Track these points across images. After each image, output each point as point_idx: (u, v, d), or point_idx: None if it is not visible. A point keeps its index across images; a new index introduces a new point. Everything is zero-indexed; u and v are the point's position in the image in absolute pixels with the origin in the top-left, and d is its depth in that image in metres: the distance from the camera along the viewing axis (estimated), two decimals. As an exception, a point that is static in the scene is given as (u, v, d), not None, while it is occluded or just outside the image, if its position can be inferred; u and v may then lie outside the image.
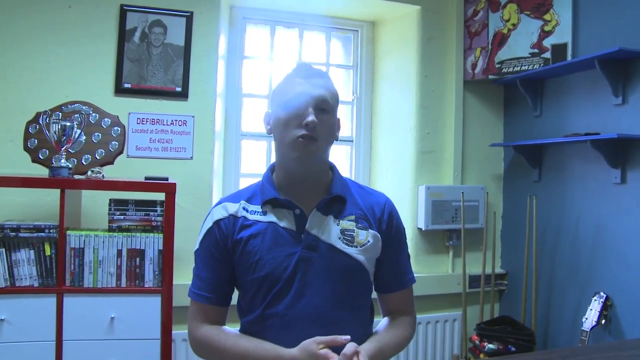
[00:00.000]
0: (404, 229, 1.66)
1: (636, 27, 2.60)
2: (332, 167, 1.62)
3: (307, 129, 1.43)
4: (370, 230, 1.53)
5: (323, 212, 1.51)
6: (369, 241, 1.52)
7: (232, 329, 1.56)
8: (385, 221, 1.58)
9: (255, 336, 1.48)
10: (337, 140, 1.58)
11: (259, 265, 1.46)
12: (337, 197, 1.54)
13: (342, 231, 1.50)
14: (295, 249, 1.47)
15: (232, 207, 1.54)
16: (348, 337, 1.33)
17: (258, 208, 1.52)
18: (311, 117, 1.43)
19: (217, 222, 1.53)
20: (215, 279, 1.52)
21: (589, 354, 1.36)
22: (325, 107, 1.48)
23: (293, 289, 1.45)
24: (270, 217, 1.50)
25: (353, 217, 1.53)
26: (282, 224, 1.49)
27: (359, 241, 1.51)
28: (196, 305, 1.54)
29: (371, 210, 1.57)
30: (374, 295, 1.64)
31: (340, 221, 1.52)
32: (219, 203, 1.59)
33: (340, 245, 1.49)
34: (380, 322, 1.63)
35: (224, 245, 1.51)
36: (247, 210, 1.53)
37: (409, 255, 1.68)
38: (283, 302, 1.45)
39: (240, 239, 1.49)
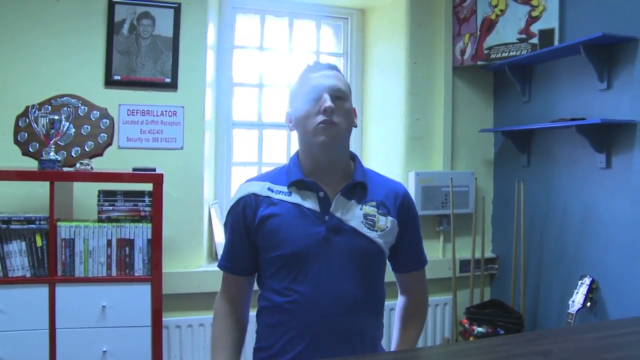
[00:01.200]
0: (418, 215, 1.76)
1: (622, 12, 2.60)
2: (354, 157, 1.70)
3: (325, 114, 1.51)
4: (389, 217, 1.61)
5: (346, 197, 1.59)
6: (387, 227, 1.59)
7: (233, 316, 1.65)
8: (406, 208, 1.66)
9: (275, 311, 1.57)
10: (355, 127, 1.65)
11: (283, 243, 1.54)
12: (359, 184, 1.61)
13: (365, 215, 1.58)
14: (320, 229, 1.53)
15: (256, 187, 1.62)
16: None
17: (284, 189, 1.60)
18: (328, 103, 1.51)
19: (239, 200, 1.61)
20: (235, 251, 1.63)
21: (552, 337, 1.40)
22: (339, 94, 1.56)
23: (316, 268, 1.52)
24: (295, 198, 1.57)
25: (374, 203, 1.61)
26: (306, 204, 1.56)
27: (379, 226, 1.58)
28: (223, 275, 1.68)
29: (391, 198, 1.65)
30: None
31: (363, 206, 1.59)
32: (244, 183, 1.68)
33: (363, 229, 1.56)
34: (400, 308, 1.78)
35: (244, 221, 1.59)
36: (272, 191, 1.60)
37: (422, 237, 1.78)
38: (306, 281, 1.52)
39: (264, 217, 1.56)
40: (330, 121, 1.51)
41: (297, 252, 1.52)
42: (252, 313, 1.67)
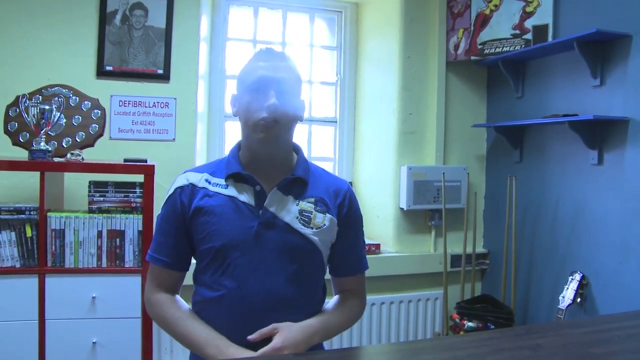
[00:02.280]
0: (362, 217, 1.71)
1: (616, 9, 2.61)
2: (297, 150, 1.65)
3: (268, 112, 1.46)
4: (327, 215, 1.57)
5: (283, 192, 1.55)
6: (325, 224, 1.55)
7: (184, 303, 1.60)
8: (346, 206, 1.62)
9: (205, 305, 1.53)
10: (301, 120, 1.60)
11: (214, 235, 1.50)
12: (298, 179, 1.57)
13: (300, 212, 1.54)
14: (252, 224, 1.50)
15: (194, 177, 1.58)
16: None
17: (221, 181, 1.56)
18: (272, 100, 1.46)
19: (176, 189, 1.57)
20: (171, 244, 1.57)
21: (541, 331, 1.40)
22: (287, 89, 1.51)
23: (246, 262, 1.49)
24: (231, 191, 1.54)
25: (313, 200, 1.57)
26: (242, 198, 1.52)
27: (315, 223, 1.54)
28: (152, 268, 1.60)
29: (332, 196, 1.61)
30: (327, 276, 1.68)
31: (300, 202, 1.55)
32: (182, 173, 1.63)
33: (297, 225, 1.52)
34: (331, 300, 1.69)
35: (182, 212, 1.55)
36: (209, 182, 1.56)
37: (364, 242, 1.73)
38: (235, 275, 1.49)
39: (199, 208, 1.52)
40: (272, 120, 1.47)
41: (227, 245, 1.49)
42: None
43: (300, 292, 1.53)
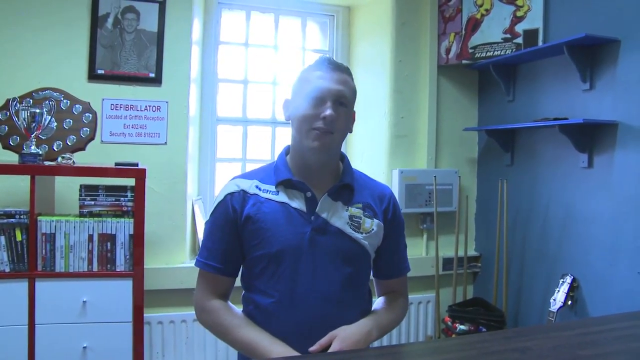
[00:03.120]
0: (404, 221, 1.74)
1: (605, 14, 2.63)
2: (343, 157, 1.69)
3: (324, 122, 1.50)
4: (375, 220, 1.61)
5: (333, 198, 1.58)
6: (373, 229, 1.59)
7: (237, 309, 1.60)
8: (390, 212, 1.66)
9: (260, 311, 1.54)
10: (350, 132, 1.63)
11: (269, 241, 1.52)
12: (346, 186, 1.61)
13: (350, 217, 1.58)
14: (305, 229, 1.53)
15: (244, 184, 1.60)
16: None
17: (271, 187, 1.59)
18: (329, 111, 1.49)
19: (227, 195, 1.59)
20: (222, 250, 1.58)
21: (531, 334, 1.41)
22: (343, 101, 1.54)
23: (301, 267, 1.52)
24: (283, 197, 1.57)
25: (360, 205, 1.61)
26: (294, 204, 1.56)
27: (364, 228, 1.58)
28: (203, 275, 1.61)
29: (377, 201, 1.65)
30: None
31: (349, 208, 1.59)
32: (232, 179, 1.65)
33: (348, 230, 1.56)
34: (377, 301, 1.73)
35: (234, 218, 1.56)
36: (259, 189, 1.59)
37: (406, 245, 1.76)
38: (290, 281, 1.52)
39: (251, 215, 1.55)
40: (327, 130, 1.50)
41: (282, 251, 1.51)
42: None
43: (355, 294, 1.59)
